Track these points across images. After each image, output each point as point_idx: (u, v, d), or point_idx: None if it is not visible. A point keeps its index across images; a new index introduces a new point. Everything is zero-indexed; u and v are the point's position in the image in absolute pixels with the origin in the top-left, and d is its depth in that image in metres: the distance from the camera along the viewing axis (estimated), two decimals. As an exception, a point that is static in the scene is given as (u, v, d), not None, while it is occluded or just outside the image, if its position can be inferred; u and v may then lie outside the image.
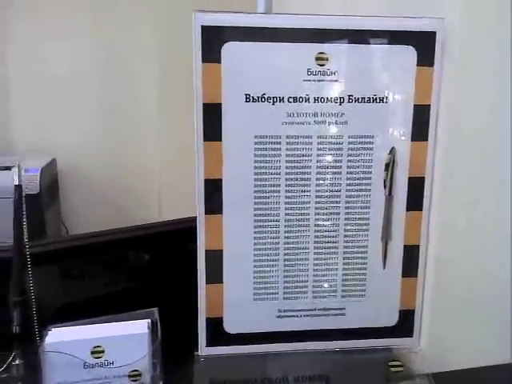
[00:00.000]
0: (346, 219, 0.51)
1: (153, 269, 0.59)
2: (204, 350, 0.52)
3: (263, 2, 0.64)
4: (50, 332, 0.50)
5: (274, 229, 0.50)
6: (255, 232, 0.50)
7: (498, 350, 0.56)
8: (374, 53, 0.48)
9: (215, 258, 0.50)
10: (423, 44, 0.48)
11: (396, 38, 0.48)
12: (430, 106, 0.49)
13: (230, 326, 0.52)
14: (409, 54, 0.48)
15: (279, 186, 0.49)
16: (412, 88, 0.49)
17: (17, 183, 0.53)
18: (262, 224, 0.50)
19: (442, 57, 0.49)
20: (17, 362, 0.53)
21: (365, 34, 0.48)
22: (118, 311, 0.53)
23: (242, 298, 0.52)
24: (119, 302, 0.54)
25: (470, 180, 0.52)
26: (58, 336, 0.50)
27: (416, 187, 0.51)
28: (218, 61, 0.47)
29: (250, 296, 0.52)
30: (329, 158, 0.49)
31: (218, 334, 0.52)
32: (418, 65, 0.49)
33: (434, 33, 0.48)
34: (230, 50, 0.46)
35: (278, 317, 0.52)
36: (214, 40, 0.46)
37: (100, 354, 0.50)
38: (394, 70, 0.49)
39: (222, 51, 0.46)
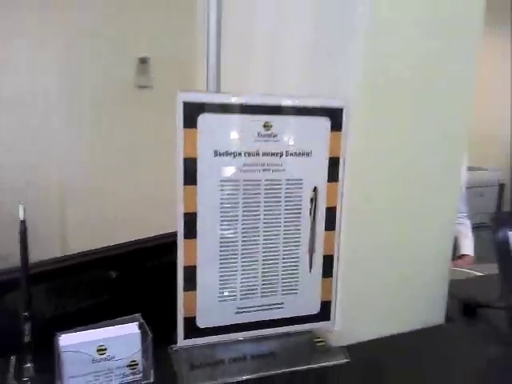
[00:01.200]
0: (284, 238, 0.71)
1: (133, 282, 0.74)
2: (182, 342, 0.69)
3: (213, 82, 0.82)
4: (60, 337, 0.63)
5: (234, 248, 0.69)
6: (220, 251, 0.68)
7: (390, 325, 0.79)
8: (302, 121, 0.69)
9: (190, 272, 0.67)
10: (334, 116, 0.70)
11: (316, 111, 0.69)
12: (339, 157, 0.71)
13: (201, 322, 0.69)
14: (325, 122, 0.70)
15: (238, 215, 0.68)
16: (327, 145, 0.70)
17: (22, 219, 0.65)
18: (225, 245, 0.68)
19: (347, 124, 0.71)
20: (28, 364, 0.65)
21: (296, 108, 0.68)
22: (104, 319, 0.67)
23: (210, 300, 0.69)
24: (105, 311, 0.68)
25: (365, 206, 0.75)
26: (69, 339, 0.63)
27: (331, 214, 0.73)
28: (195, 127, 0.64)
29: (216, 299, 0.69)
30: (272, 195, 0.69)
31: (192, 329, 0.69)
32: (331, 130, 0.70)
33: (342, 108, 0.70)
34: (204, 119, 0.64)
35: (237, 313, 0.71)
36: (192, 112, 0.63)
37: (104, 351, 0.64)
38: (315, 133, 0.70)
39: (198, 120, 0.64)
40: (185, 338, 0.69)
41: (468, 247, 1.98)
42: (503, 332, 0.84)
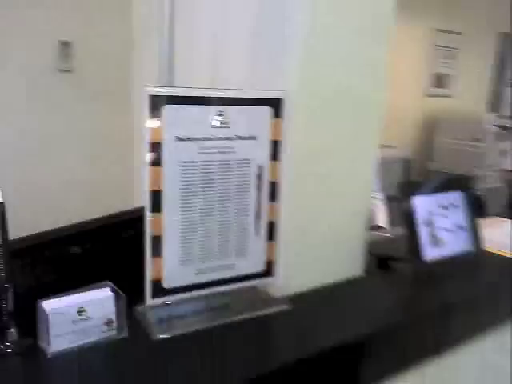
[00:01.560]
0: (235, 209, 0.84)
1: (104, 254, 0.83)
2: (150, 301, 0.80)
3: (166, 73, 0.91)
4: (43, 303, 0.72)
5: (193, 219, 0.80)
6: (182, 222, 0.79)
7: (320, 277, 0.96)
8: (249, 110, 0.82)
9: (157, 241, 0.78)
10: (275, 105, 0.83)
11: (260, 102, 0.82)
12: (280, 140, 0.85)
13: (166, 284, 0.81)
14: (267, 111, 0.83)
15: (196, 191, 0.79)
16: (270, 130, 0.84)
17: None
18: (185, 217, 0.80)
19: (286, 112, 0.84)
20: (11, 330, 0.73)
21: (244, 100, 0.81)
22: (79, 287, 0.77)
23: (173, 264, 0.80)
24: (80, 281, 0.78)
25: (300, 181, 0.89)
26: (52, 304, 0.72)
27: (274, 187, 0.86)
28: (160, 116, 0.74)
29: (178, 263, 0.81)
30: (225, 173, 0.81)
31: (158, 289, 0.80)
32: (273, 118, 0.83)
33: (281, 99, 0.83)
34: (167, 110, 0.74)
35: (196, 274, 0.83)
36: (157, 103, 0.74)
37: (83, 313, 0.73)
38: (259, 120, 0.83)
39: (162, 110, 0.74)
40: (152, 298, 0.80)
41: (382, 219, 2.22)
42: (409, 279, 1.04)
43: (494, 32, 5.41)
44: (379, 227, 2.20)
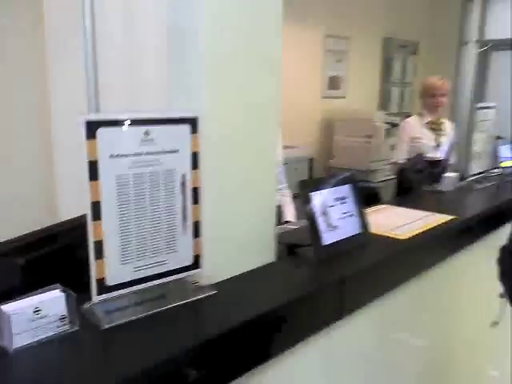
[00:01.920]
0: (165, 213, 0.98)
1: (52, 260, 0.93)
2: (96, 297, 0.92)
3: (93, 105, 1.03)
4: (3, 307, 0.81)
5: (129, 224, 0.94)
6: (120, 227, 0.93)
7: (240, 265, 1.13)
8: (170, 128, 0.97)
9: (99, 245, 0.91)
10: (193, 123, 0.99)
11: (180, 121, 0.98)
12: (198, 152, 1.01)
13: (109, 282, 0.93)
14: (187, 128, 0.99)
15: (130, 200, 0.93)
16: (189, 144, 0.99)
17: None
18: (122, 223, 0.93)
19: (201, 128, 1.01)
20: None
21: (166, 120, 0.96)
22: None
23: (114, 264, 0.93)
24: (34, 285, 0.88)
25: (215, 186, 1.06)
26: (11, 306, 0.82)
27: (196, 192, 1.02)
28: (95, 138, 0.87)
29: (118, 262, 0.94)
30: (154, 182, 0.96)
31: (102, 287, 0.93)
32: (191, 133, 0.99)
33: (197, 117, 1.00)
34: (101, 132, 0.87)
35: (135, 271, 0.96)
36: (92, 127, 0.86)
37: (39, 312, 0.84)
38: (180, 136, 0.98)
39: (96, 133, 0.87)
40: (98, 295, 0.92)
41: (290, 214, 2.45)
42: (312, 260, 1.25)
43: (379, 36, 5.96)
44: (287, 222, 2.43)
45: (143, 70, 1.12)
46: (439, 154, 2.84)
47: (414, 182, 2.20)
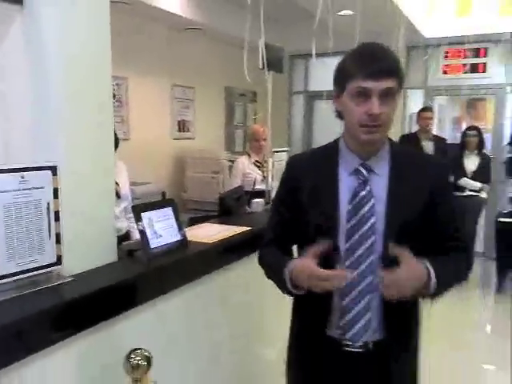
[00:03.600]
0: (36, 227, 1.50)
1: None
2: (-11, 284, 1.41)
3: None
4: None
5: (12, 235, 1.44)
6: (5, 236, 1.43)
7: (92, 262, 1.68)
8: (38, 173, 1.51)
9: (-9, 249, 1.40)
10: (53, 169, 1.54)
11: (45, 168, 1.52)
12: (57, 187, 1.56)
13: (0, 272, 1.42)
14: (49, 172, 1.53)
15: (12, 219, 1.44)
16: (51, 183, 1.54)
17: None
18: (8, 234, 1.43)
19: (59, 173, 1.56)
20: None
21: (35, 168, 1.50)
22: None
23: (2, 261, 1.43)
24: None
25: (72, 208, 1.61)
26: None
27: (57, 213, 1.56)
28: (-12, 180, 1.38)
29: (6, 260, 1.43)
30: (29, 207, 1.48)
31: (-7, 277, 1.41)
32: (52, 175, 1.54)
33: (56, 165, 1.55)
34: (-8, 177, 1.39)
35: (17, 265, 1.46)
36: (-14, 174, 1.37)
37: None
38: (45, 178, 1.52)
39: (-11, 177, 1.38)
40: (-9, 282, 1.41)
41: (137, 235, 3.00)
42: (143, 259, 1.84)
43: (222, 86, 6.88)
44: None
45: (16, 131, 1.64)
46: (265, 186, 3.65)
47: (233, 207, 2.93)
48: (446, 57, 6.65)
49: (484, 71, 6.49)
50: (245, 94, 7.05)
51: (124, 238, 2.60)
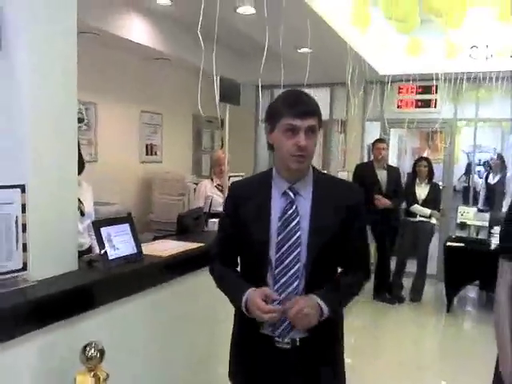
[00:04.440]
0: (6, 237, 1.73)
1: None
2: (-38, 285, 1.62)
3: None
4: None
5: (-17, 243, 1.66)
6: (-22, 244, 1.65)
7: (56, 269, 1.90)
8: (8, 190, 1.74)
9: (-35, 254, 1.62)
10: (22, 187, 1.77)
11: (14, 186, 1.76)
12: (25, 203, 1.79)
13: (-30, 276, 1.64)
14: (18, 190, 1.77)
15: (-16, 229, 1.66)
16: (20, 199, 1.77)
17: None
18: (-20, 242, 1.65)
19: (27, 190, 1.79)
20: None
21: (6, 186, 1.73)
22: None
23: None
24: None
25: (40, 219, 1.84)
26: None
27: (24, 225, 1.79)
28: (-35, 195, 1.61)
29: (-24, 265, 1.65)
30: (1, 220, 1.71)
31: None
32: (21, 193, 1.77)
33: (25, 184, 1.78)
34: (-31, 192, 1.62)
35: (-14, 270, 1.68)
36: (-36, 189, 1.60)
37: None
38: (14, 194, 1.76)
39: (-34, 192, 1.61)
40: (-37, 284, 1.62)
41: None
42: (100, 268, 2.07)
43: (189, 113, 7.18)
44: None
45: None
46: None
47: (190, 226, 3.18)
48: (400, 92, 7.14)
49: (435, 106, 7.00)
50: (212, 121, 7.37)
51: (86, 252, 2.81)
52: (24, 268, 1.80)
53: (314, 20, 4.31)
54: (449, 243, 5.95)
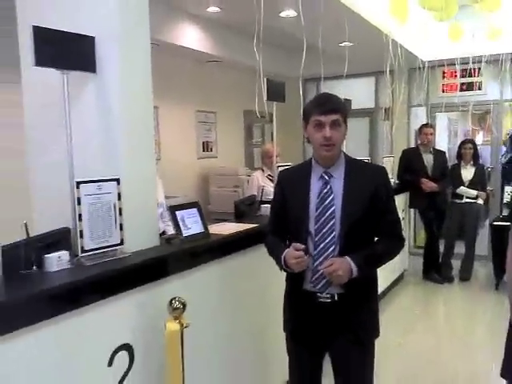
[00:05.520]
0: (107, 219, 2.25)
1: None
2: (80, 253, 2.16)
3: None
4: None
5: (92, 224, 2.19)
6: (89, 226, 2.18)
7: (145, 244, 2.42)
8: (107, 183, 2.26)
9: (81, 232, 2.15)
10: (117, 180, 2.29)
11: (111, 180, 2.28)
12: (121, 192, 2.30)
13: (86, 247, 2.17)
14: (115, 182, 2.28)
15: (92, 214, 2.19)
16: (116, 189, 2.29)
17: None
18: (90, 223, 2.18)
19: (121, 182, 2.31)
20: None
21: (106, 179, 2.25)
22: None
23: (87, 240, 2.17)
24: None
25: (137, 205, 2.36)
26: None
27: (120, 210, 2.31)
28: (79, 188, 2.14)
29: (89, 240, 2.18)
30: (104, 206, 2.23)
31: (83, 250, 2.16)
32: (117, 185, 2.29)
33: (119, 178, 2.30)
34: (83, 186, 2.15)
35: (96, 243, 2.21)
36: (78, 184, 2.13)
37: None
38: (112, 186, 2.28)
39: (80, 186, 2.14)
40: (82, 253, 2.16)
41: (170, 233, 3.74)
42: (177, 243, 2.57)
43: (241, 109, 7.65)
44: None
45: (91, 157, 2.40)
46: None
47: (246, 211, 3.64)
48: (444, 77, 7.28)
49: (480, 89, 7.09)
50: (264, 116, 7.80)
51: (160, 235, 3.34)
52: (121, 243, 2.32)
53: (350, 17, 4.65)
54: (495, 223, 6.09)
